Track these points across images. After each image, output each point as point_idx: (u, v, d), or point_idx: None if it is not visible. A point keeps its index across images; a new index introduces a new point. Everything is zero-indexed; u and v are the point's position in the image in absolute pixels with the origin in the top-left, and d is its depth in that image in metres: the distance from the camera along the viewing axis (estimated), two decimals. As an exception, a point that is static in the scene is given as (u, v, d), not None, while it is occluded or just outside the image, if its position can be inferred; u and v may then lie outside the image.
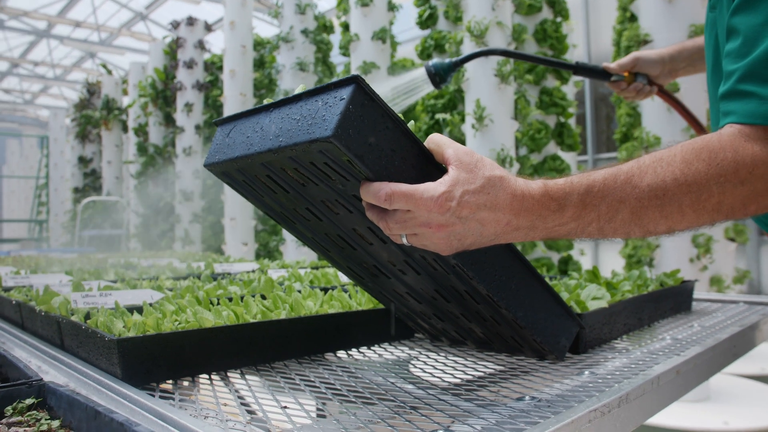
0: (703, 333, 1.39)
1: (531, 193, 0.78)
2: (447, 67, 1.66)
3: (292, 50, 6.10)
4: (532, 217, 0.79)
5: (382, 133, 0.76)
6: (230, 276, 2.24)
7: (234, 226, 6.49)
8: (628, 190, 0.79)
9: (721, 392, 3.08)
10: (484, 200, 0.77)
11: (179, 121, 8.06)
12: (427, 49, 5.87)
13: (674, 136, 3.09)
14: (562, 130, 4.94)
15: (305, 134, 0.76)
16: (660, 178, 0.79)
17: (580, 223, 0.81)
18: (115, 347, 0.96)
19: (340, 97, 0.74)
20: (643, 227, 0.82)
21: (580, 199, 0.79)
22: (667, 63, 1.61)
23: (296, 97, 0.81)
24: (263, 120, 0.86)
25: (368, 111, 0.75)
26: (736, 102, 0.83)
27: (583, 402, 0.85)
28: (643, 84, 1.64)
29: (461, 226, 0.78)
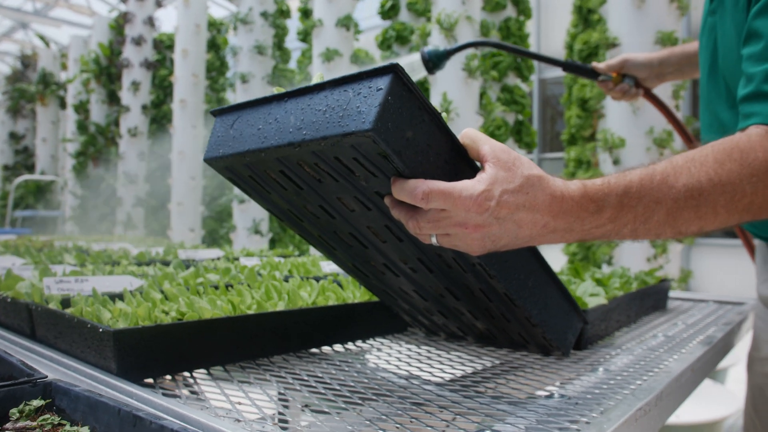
0: (689, 330, 1.42)
1: (570, 195, 0.75)
2: (441, 54, 1.65)
3: (250, 32, 5.91)
4: (570, 219, 0.76)
5: (419, 126, 0.71)
6: (196, 263, 2.13)
7: (181, 212, 6.27)
8: (665, 190, 0.77)
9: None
10: (523, 200, 0.73)
11: (125, 100, 7.70)
12: (387, 40, 5.82)
13: (638, 138, 3.16)
14: (520, 127, 5.00)
15: (336, 127, 0.70)
16: (695, 179, 0.78)
17: (616, 225, 0.78)
18: (111, 339, 0.86)
19: (377, 87, 0.68)
20: (676, 228, 0.81)
21: (618, 200, 0.76)
22: (655, 67, 1.63)
23: (318, 86, 0.74)
24: (277, 110, 0.79)
25: (406, 103, 0.69)
26: (761, 104, 0.83)
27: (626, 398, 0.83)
28: (630, 86, 1.66)
29: (498, 227, 0.74)
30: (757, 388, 1.33)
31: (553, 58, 1.73)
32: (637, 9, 3.20)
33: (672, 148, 3.34)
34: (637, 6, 3.20)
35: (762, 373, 1.31)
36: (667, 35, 3.18)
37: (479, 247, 0.76)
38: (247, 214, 5.84)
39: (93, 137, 8.29)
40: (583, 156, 6.20)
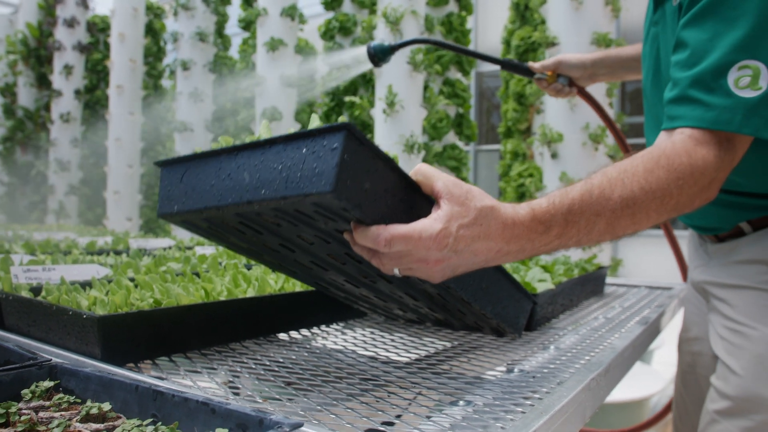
0: (626, 313, 1.54)
1: (521, 220, 0.80)
2: (386, 49, 1.71)
3: (192, 19, 5.78)
4: (522, 241, 0.81)
5: (375, 175, 0.73)
6: (149, 252, 2.12)
7: (118, 200, 6.09)
8: (603, 203, 0.83)
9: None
10: (477, 232, 0.78)
11: (56, 84, 7.37)
12: (330, 31, 5.83)
13: (575, 133, 3.33)
14: (461, 120, 5.13)
15: (296, 188, 0.71)
16: (629, 189, 0.84)
17: (562, 240, 0.84)
18: (95, 325, 0.89)
19: (332, 147, 0.69)
20: (614, 233, 0.87)
21: (563, 218, 0.82)
22: (588, 68, 1.70)
23: (269, 141, 0.75)
24: (228, 165, 0.79)
25: (361, 156, 0.70)
26: (685, 107, 0.91)
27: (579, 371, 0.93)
28: (563, 85, 1.74)
29: (456, 258, 0.78)
30: (687, 365, 1.46)
31: (492, 57, 1.80)
32: (575, 11, 3.36)
33: (605, 143, 3.53)
34: (575, 8, 3.36)
35: (690, 352, 1.45)
36: (602, 36, 3.35)
37: (440, 276, 0.81)
38: (188, 203, 5.74)
39: (21, 122, 7.89)
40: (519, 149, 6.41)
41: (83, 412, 0.56)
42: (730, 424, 1.07)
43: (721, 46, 0.86)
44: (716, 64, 0.86)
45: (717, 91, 0.86)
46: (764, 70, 0.83)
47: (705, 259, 1.20)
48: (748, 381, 1.05)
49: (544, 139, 3.40)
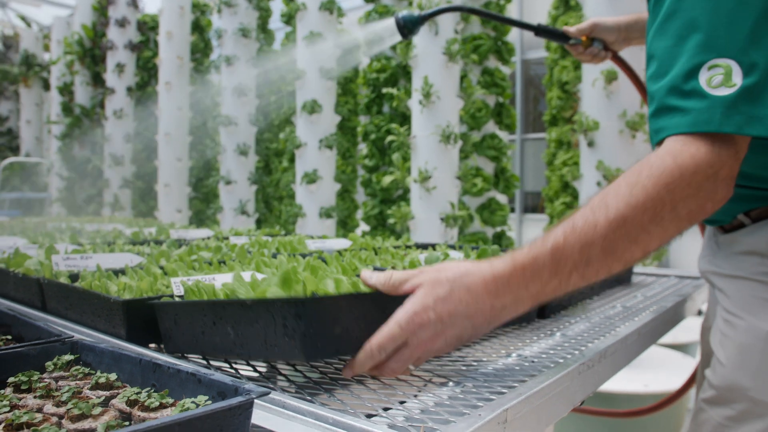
0: (647, 302, 1.54)
1: (500, 273, 0.80)
2: (416, 19, 1.67)
3: (235, 15, 5.93)
4: (512, 292, 0.81)
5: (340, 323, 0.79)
6: (188, 242, 2.23)
7: (168, 193, 6.33)
8: (590, 231, 0.81)
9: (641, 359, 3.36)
10: (458, 298, 0.79)
11: (109, 82, 7.69)
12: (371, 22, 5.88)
13: (612, 121, 3.28)
14: (501, 110, 5.10)
15: (273, 353, 0.79)
16: (614, 210, 0.81)
17: (561, 279, 0.82)
18: (121, 309, 0.97)
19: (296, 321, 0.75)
20: (621, 259, 0.84)
21: (550, 256, 0.81)
22: (623, 31, 1.67)
23: (244, 303, 0.82)
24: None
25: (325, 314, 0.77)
26: (664, 118, 0.87)
27: (572, 356, 0.96)
28: (599, 49, 1.70)
29: (452, 329, 0.79)
30: (706, 355, 1.46)
31: (525, 23, 1.76)
32: (612, -5, 3.31)
33: (644, 131, 3.47)
34: (612, -9, 3.30)
35: (707, 341, 1.45)
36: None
37: (450, 347, 0.82)
38: (233, 194, 5.92)
39: (78, 119, 8.28)
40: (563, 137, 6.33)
41: (93, 381, 0.64)
42: (714, 413, 1.07)
43: (687, 50, 0.84)
44: (685, 69, 0.84)
45: (691, 94, 0.83)
46: (736, 67, 0.81)
47: (713, 250, 1.20)
48: (729, 370, 1.04)
49: (581, 128, 3.36)
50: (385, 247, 1.99)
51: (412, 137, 4.03)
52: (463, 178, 4.04)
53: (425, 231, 3.92)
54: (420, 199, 3.95)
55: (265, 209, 6.82)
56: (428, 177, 3.85)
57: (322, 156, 4.92)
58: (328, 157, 4.96)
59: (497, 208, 4.84)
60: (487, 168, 4.90)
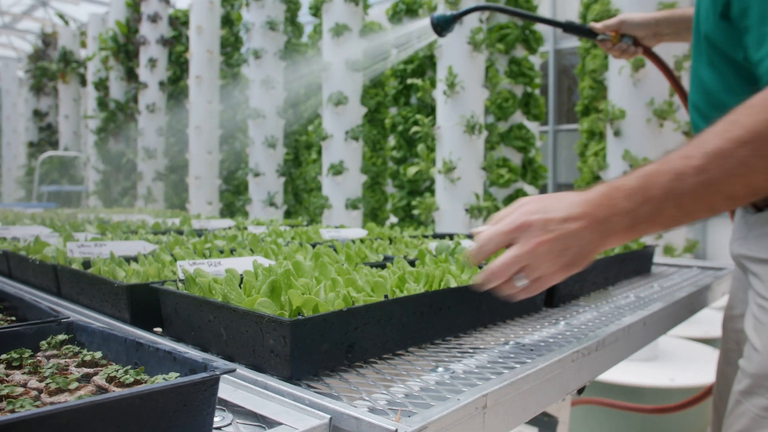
0: (662, 292, 1.51)
1: (592, 189, 0.84)
2: (448, 18, 1.77)
3: (262, 8, 5.98)
4: (604, 207, 0.83)
5: None
6: (208, 232, 2.27)
7: (199, 185, 6.44)
8: (682, 162, 0.80)
9: (668, 353, 3.29)
10: (554, 205, 0.84)
11: (142, 77, 7.85)
12: (398, 14, 5.86)
13: (639, 110, 3.21)
14: (528, 99, 5.04)
15: (261, 362, 0.81)
16: (711, 143, 0.79)
17: (651, 201, 0.81)
18: (125, 293, 1.00)
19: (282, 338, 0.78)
20: (721, 192, 0.81)
21: (643, 176, 0.82)
22: (652, 27, 1.65)
23: (231, 308, 0.84)
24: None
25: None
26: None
27: (569, 344, 0.95)
28: (628, 45, 1.69)
29: (554, 236, 0.83)
30: (733, 342, 1.42)
31: (553, 20, 1.79)
32: (640, -20, 3.23)
33: (674, 119, 3.38)
34: (640, -23, 3.23)
35: (734, 329, 1.40)
36: (668, 6, 3.20)
37: (558, 264, 0.85)
38: (262, 186, 5.99)
39: (113, 114, 8.48)
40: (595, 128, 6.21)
41: (80, 359, 0.66)
42: (751, 404, 1.03)
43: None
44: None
45: None
46: None
47: (744, 232, 1.15)
48: (766, 357, 1.01)
49: (606, 117, 3.30)
50: (401, 237, 1.99)
51: (437, 128, 4.01)
52: (488, 169, 4.00)
53: (450, 222, 3.90)
54: (444, 190, 3.93)
55: (294, 201, 6.88)
56: (452, 168, 3.83)
57: (348, 147, 4.94)
58: (354, 149, 4.97)
59: (524, 200, 4.79)
60: (515, 159, 4.85)
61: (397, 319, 0.92)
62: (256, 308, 0.82)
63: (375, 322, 0.88)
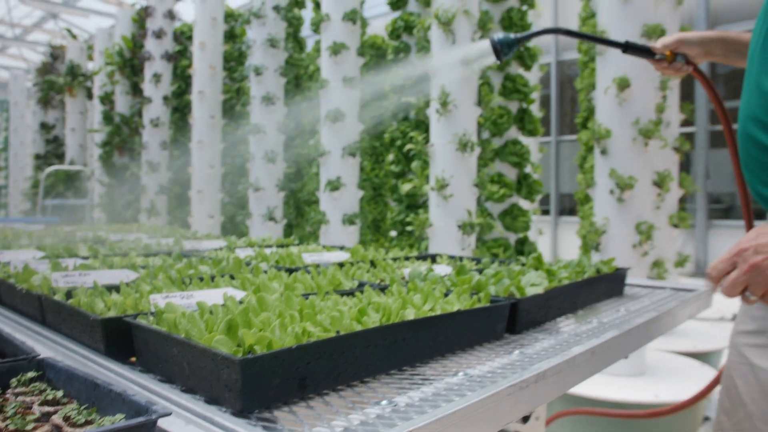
0: (627, 317, 1.56)
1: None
2: (511, 42, 1.71)
3: (263, 26, 6.09)
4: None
5: None
6: (199, 253, 2.35)
7: (201, 199, 6.54)
8: None
9: (655, 367, 3.33)
10: (763, 231, 1.06)
11: (147, 92, 7.99)
12: (396, 30, 5.95)
13: (624, 129, 3.27)
14: (523, 115, 5.10)
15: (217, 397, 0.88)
16: None
17: None
18: (100, 326, 1.07)
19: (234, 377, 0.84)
20: None
21: None
22: (706, 45, 1.72)
23: (190, 345, 0.90)
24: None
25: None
26: None
27: (507, 378, 1.01)
28: (682, 63, 1.76)
29: (763, 258, 1.03)
30: (739, 356, 1.49)
31: (613, 41, 1.81)
32: (624, 3, 3.30)
33: (660, 137, 3.44)
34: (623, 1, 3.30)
35: (743, 344, 1.47)
36: (653, 28, 3.27)
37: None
38: (262, 201, 6.08)
39: (118, 127, 8.62)
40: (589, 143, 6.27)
41: (43, 397, 0.73)
42: None
43: None
44: None
45: None
46: None
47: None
48: None
49: (593, 136, 3.36)
50: (382, 260, 2.06)
51: (430, 145, 4.08)
52: (481, 186, 4.07)
53: (443, 238, 3.97)
54: (438, 207, 4.00)
55: (295, 214, 6.97)
56: (445, 185, 3.90)
57: (346, 163, 5.02)
58: (352, 165, 5.06)
59: (519, 214, 4.85)
60: (510, 174, 4.91)
61: (350, 352, 0.98)
62: (213, 345, 0.89)
63: (327, 357, 0.95)
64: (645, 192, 3.36)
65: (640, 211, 3.31)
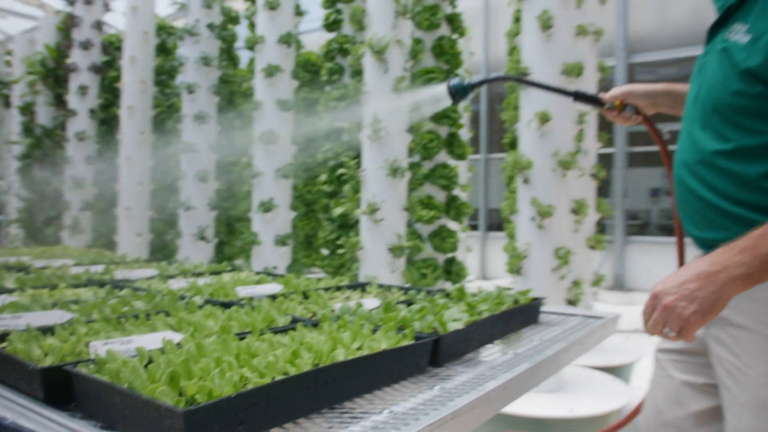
0: (539, 347, 1.71)
1: (710, 254, 1.21)
2: (465, 87, 1.84)
3: (197, 44, 6.06)
4: (721, 259, 1.17)
5: None
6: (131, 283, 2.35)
7: (129, 216, 6.39)
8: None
9: (572, 383, 3.55)
10: (680, 273, 1.22)
11: (72, 104, 7.73)
12: (331, 52, 6.06)
13: (545, 160, 3.49)
14: (452, 140, 5.30)
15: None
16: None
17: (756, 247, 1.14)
18: (38, 375, 1.10)
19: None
20: None
21: (751, 237, 1.16)
22: (652, 97, 1.83)
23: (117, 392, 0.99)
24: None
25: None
26: None
27: (428, 414, 1.11)
28: (631, 113, 1.86)
29: (674, 298, 1.19)
30: (661, 369, 1.74)
31: (563, 89, 1.92)
32: (545, 42, 3.53)
33: (578, 167, 3.69)
34: (545, 39, 3.53)
35: (665, 359, 1.72)
36: (572, 66, 3.52)
37: (689, 308, 1.17)
38: (192, 220, 6.02)
39: (39, 140, 8.28)
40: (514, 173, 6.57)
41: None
42: None
43: None
44: None
45: None
46: None
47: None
48: None
49: (516, 166, 3.57)
50: (314, 290, 2.13)
51: (362, 170, 4.20)
52: (411, 210, 4.22)
53: (374, 261, 4.08)
54: (369, 231, 4.11)
55: (227, 232, 6.92)
56: (376, 209, 4.02)
57: (279, 185, 5.06)
58: (284, 187, 5.10)
59: (448, 235, 5.03)
60: (439, 196, 5.09)
61: (284, 396, 1.06)
62: (156, 396, 0.95)
63: (264, 401, 1.03)
64: (564, 219, 3.59)
65: (559, 237, 3.53)
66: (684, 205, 1.48)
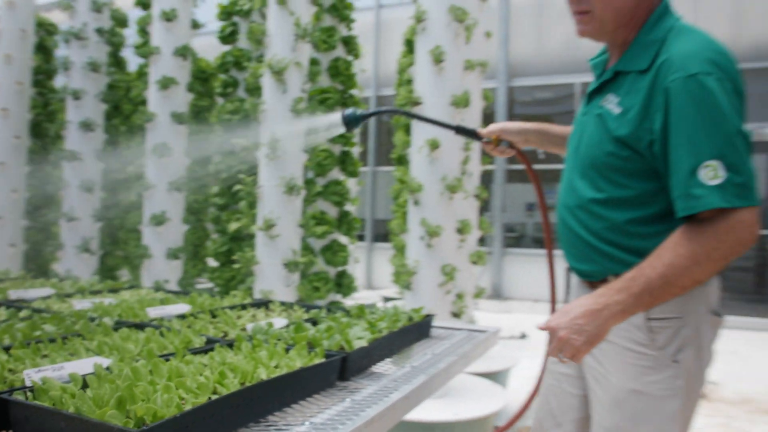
0: (432, 360, 1.93)
1: (594, 293, 1.46)
2: (358, 117, 2.04)
3: (84, 48, 5.82)
4: (603, 298, 1.41)
5: None
6: (28, 303, 2.32)
7: (2, 226, 5.98)
8: (652, 261, 1.41)
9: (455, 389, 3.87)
10: (568, 308, 1.46)
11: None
12: (226, 64, 6.07)
13: (434, 183, 3.78)
14: (345, 158, 5.52)
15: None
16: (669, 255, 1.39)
17: (632, 286, 1.40)
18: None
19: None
20: (679, 276, 1.38)
21: (626, 277, 1.42)
22: (524, 134, 2.09)
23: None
24: None
25: None
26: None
27: (345, 424, 1.29)
28: (505, 147, 2.11)
29: (566, 333, 1.42)
30: (554, 380, 1.96)
31: (446, 123, 2.15)
32: (437, 75, 3.84)
33: (464, 190, 4.02)
34: (437, 72, 3.84)
35: (557, 372, 1.95)
36: (460, 98, 3.85)
37: (580, 339, 1.42)
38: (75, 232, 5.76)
39: None
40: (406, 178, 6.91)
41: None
42: None
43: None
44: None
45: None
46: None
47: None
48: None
49: (408, 188, 3.84)
50: (221, 309, 2.23)
51: (259, 187, 4.30)
52: (305, 226, 4.37)
53: (269, 275, 4.19)
54: (265, 246, 4.21)
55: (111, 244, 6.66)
56: (273, 225, 4.13)
57: (171, 198, 5.01)
58: (177, 200, 5.05)
59: (339, 249, 5.23)
60: (332, 212, 5.27)
61: (218, 413, 1.20)
62: (106, 419, 1.05)
63: (202, 419, 1.15)
64: (450, 238, 3.90)
65: (446, 254, 3.84)
66: (565, 240, 1.77)
